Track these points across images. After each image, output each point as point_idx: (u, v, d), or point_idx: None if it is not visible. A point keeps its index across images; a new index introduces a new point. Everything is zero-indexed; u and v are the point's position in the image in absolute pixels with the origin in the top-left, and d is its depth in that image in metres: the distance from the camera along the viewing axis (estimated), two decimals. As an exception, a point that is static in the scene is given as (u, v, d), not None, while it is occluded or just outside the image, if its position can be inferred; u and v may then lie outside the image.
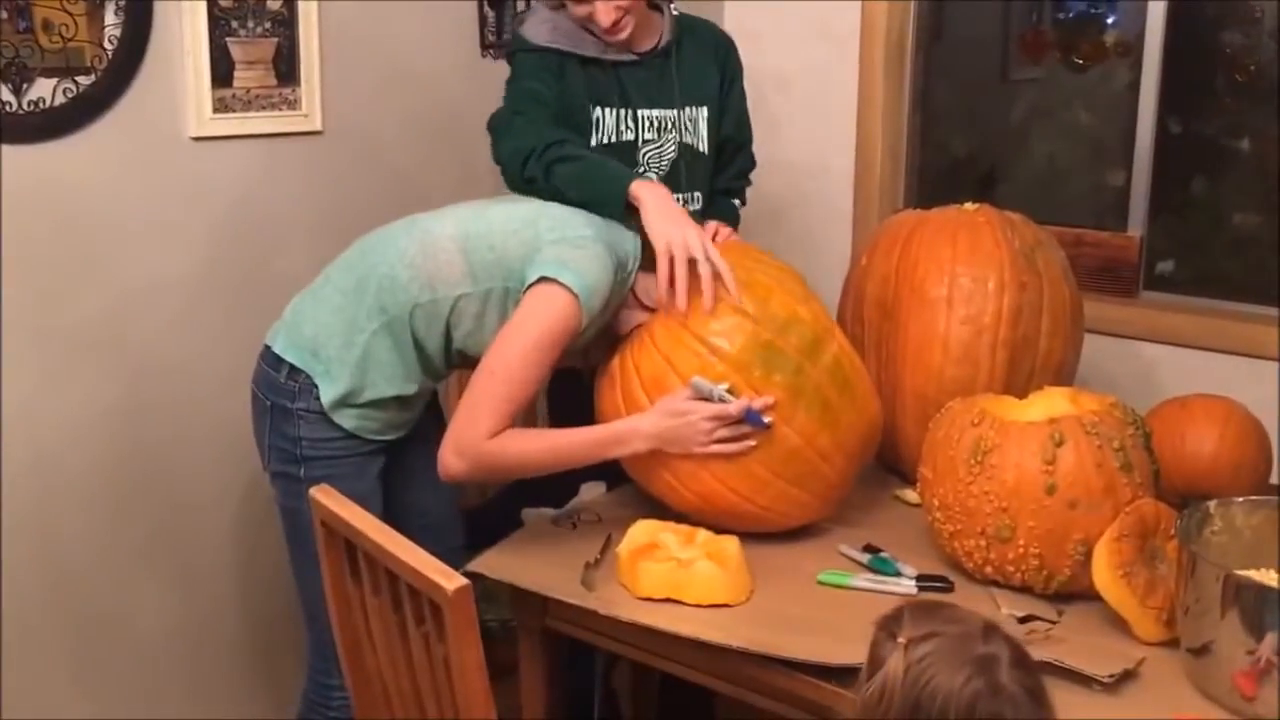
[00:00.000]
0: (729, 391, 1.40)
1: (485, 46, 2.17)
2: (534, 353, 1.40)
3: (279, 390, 1.51)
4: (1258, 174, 2.04)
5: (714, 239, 1.66)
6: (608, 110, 1.68)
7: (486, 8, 2.16)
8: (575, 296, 1.39)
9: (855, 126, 2.21)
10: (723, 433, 1.40)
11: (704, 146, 1.76)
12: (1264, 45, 2.02)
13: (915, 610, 0.96)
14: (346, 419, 1.50)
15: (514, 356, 1.40)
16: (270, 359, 1.53)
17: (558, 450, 1.45)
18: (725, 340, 1.42)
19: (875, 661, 0.94)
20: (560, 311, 1.39)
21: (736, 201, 1.87)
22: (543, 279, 1.40)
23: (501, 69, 1.75)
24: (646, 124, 1.70)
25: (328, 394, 1.49)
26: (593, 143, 1.67)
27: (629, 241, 1.51)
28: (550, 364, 1.43)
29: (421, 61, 2.06)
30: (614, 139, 1.69)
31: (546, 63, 1.65)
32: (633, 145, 1.70)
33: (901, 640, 0.92)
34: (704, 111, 1.75)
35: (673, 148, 1.72)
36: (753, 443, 1.41)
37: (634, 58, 1.69)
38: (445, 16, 2.09)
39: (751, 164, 1.89)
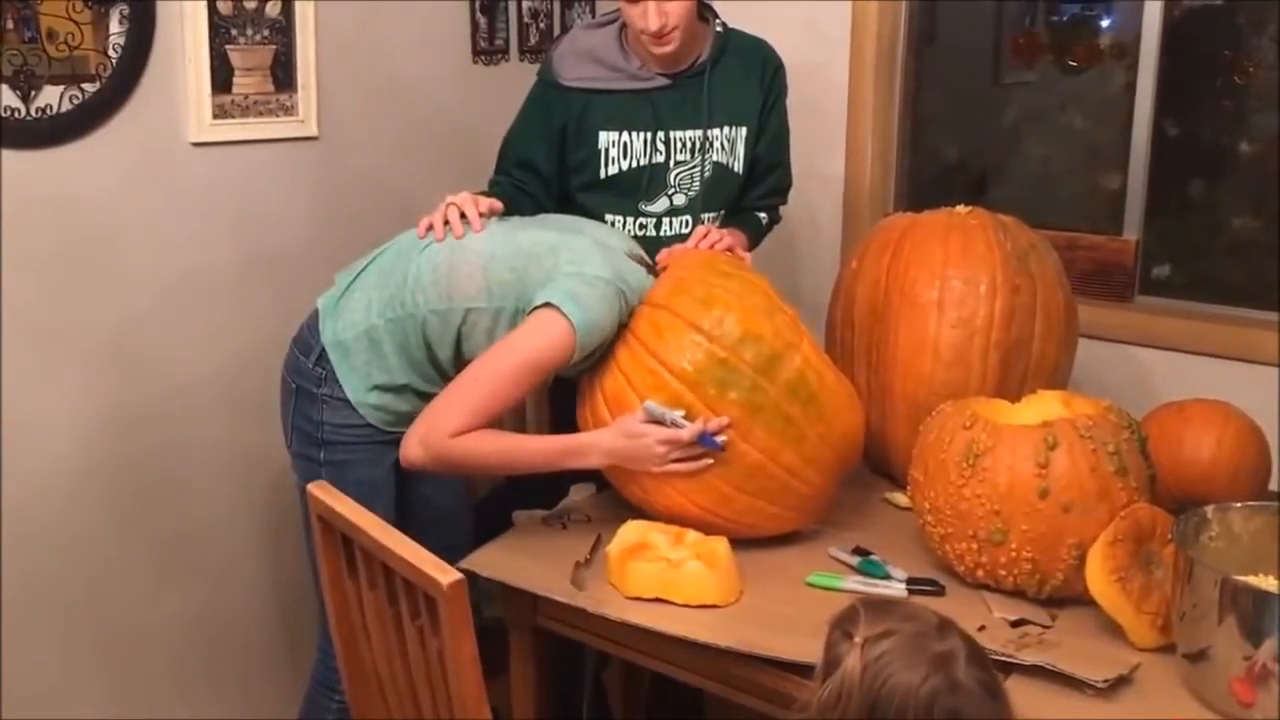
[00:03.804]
0: (684, 417, 1.40)
1: (477, 53, 2.18)
2: (521, 371, 1.44)
3: (306, 375, 1.56)
4: (1256, 177, 2.02)
5: (700, 241, 1.65)
6: (636, 134, 1.68)
7: (478, 15, 2.18)
8: (574, 328, 1.42)
9: (845, 129, 2.20)
10: (677, 453, 1.41)
11: (739, 166, 1.75)
12: (1262, 47, 2.01)
13: (869, 608, 0.95)
14: (368, 410, 1.54)
15: (501, 370, 1.44)
16: (302, 344, 1.58)
17: (516, 453, 1.48)
18: (680, 358, 1.42)
19: (831, 661, 0.93)
20: (556, 338, 1.43)
21: (763, 216, 1.84)
22: (548, 304, 1.44)
23: (491, 74, 1.76)
24: (678, 145, 1.69)
25: (349, 383, 1.53)
26: (622, 167, 1.68)
27: (647, 282, 1.53)
28: (533, 384, 1.47)
29: (415, 68, 2.08)
30: (643, 161, 1.69)
31: (561, 99, 1.67)
32: (663, 168, 1.70)
33: (858, 639, 0.91)
34: (743, 131, 1.74)
35: (708, 168, 1.72)
36: (709, 462, 1.42)
37: (667, 82, 1.68)
38: (438, 24, 2.11)
39: (785, 183, 1.87)
